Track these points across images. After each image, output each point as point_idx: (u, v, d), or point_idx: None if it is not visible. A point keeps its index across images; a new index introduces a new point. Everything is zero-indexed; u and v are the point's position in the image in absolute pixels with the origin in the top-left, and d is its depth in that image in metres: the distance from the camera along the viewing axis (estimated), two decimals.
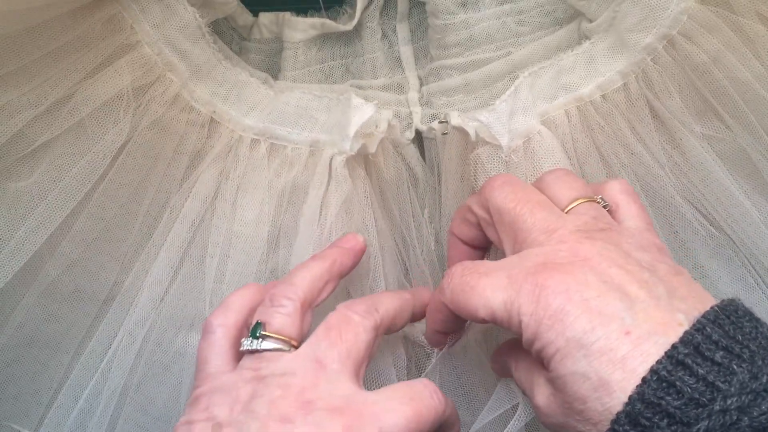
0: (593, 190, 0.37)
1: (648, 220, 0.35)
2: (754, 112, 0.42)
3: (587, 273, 0.30)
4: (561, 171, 0.37)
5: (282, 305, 0.35)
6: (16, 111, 0.40)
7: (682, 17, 0.42)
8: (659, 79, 0.43)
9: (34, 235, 0.41)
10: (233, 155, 0.46)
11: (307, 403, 0.30)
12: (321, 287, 0.37)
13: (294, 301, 0.35)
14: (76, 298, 0.45)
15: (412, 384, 0.33)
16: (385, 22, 0.52)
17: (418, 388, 0.32)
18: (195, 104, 0.45)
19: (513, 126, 0.43)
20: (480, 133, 0.42)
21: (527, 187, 0.36)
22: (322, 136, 0.46)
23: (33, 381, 0.45)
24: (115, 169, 0.43)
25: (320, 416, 0.30)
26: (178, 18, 0.43)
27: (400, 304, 0.38)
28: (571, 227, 0.32)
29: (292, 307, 0.35)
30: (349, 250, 0.40)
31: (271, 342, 0.34)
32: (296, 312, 0.35)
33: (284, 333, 0.34)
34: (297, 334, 0.35)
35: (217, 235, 0.46)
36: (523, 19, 0.49)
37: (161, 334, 0.45)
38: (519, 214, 0.34)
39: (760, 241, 0.43)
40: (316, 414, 0.30)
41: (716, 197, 0.43)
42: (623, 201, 0.35)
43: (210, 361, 0.35)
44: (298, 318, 0.35)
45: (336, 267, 0.39)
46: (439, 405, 0.32)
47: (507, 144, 0.42)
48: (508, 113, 0.43)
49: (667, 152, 0.44)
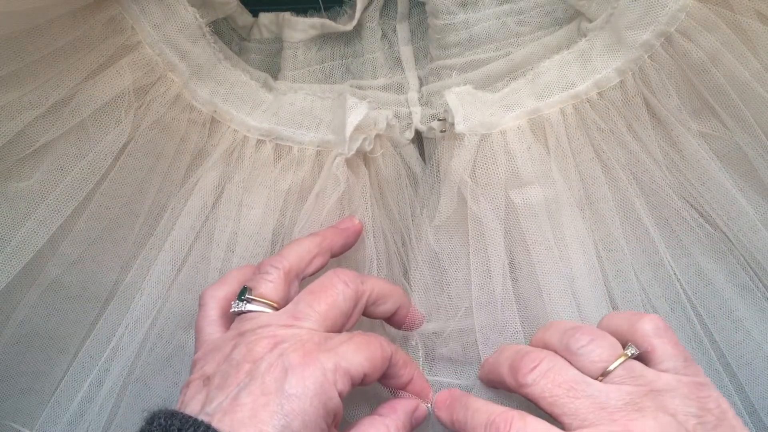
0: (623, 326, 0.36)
1: (685, 355, 0.35)
2: (751, 110, 0.42)
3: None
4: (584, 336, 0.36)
5: (267, 272, 0.39)
6: (18, 111, 0.40)
7: (680, 15, 0.42)
8: (656, 77, 0.43)
9: (36, 235, 0.42)
10: (237, 155, 0.46)
11: (275, 344, 0.34)
12: (309, 260, 0.40)
13: (279, 269, 0.39)
14: (78, 297, 0.45)
15: (367, 334, 0.37)
16: (385, 22, 0.52)
17: (371, 337, 0.37)
18: (196, 104, 0.45)
19: (484, 117, 0.44)
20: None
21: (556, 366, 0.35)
22: (330, 136, 0.46)
23: (35, 380, 0.45)
24: (117, 169, 0.44)
25: (284, 348, 0.33)
26: (178, 18, 0.43)
27: (389, 288, 0.41)
28: (617, 402, 0.33)
29: (276, 274, 0.38)
30: (343, 230, 0.44)
31: (256, 305, 0.37)
32: (280, 279, 0.38)
33: (267, 297, 0.38)
34: (280, 299, 0.38)
35: (221, 234, 0.46)
36: (523, 19, 0.49)
37: (163, 329, 0.45)
38: (559, 399, 0.34)
39: (756, 239, 0.43)
40: (280, 348, 0.34)
41: (713, 195, 0.43)
42: (658, 344, 0.35)
43: (204, 329, 0.38)
44: (282, 284, 0.38)
45: (326, 243, 0.42)
46: (386, 351, 0.37)
47: (461, 130, 0.43)
48: (484, 103, 0.44)
49: (664, 150, 0.44)
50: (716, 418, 0.33)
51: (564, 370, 0.35)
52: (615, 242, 0.44)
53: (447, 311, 0.45)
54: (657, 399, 0.33)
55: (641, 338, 0.35)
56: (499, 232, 0.43)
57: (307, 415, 0.32)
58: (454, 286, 0.45)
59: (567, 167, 0.45)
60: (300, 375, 0.32)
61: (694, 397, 0.33)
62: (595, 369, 0.35)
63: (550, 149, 0.45)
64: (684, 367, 0.35)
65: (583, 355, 0.35)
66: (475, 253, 0.44)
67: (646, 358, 0.35)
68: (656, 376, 0.34)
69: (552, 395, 0.34)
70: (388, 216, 0.48)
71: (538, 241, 0.43)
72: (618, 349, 0.36)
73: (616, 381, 0.34)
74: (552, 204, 0.44)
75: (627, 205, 0.44)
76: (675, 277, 0.44)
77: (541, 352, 0.37)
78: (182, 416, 0.31)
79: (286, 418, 0.31)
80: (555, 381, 0.35)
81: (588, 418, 0.33)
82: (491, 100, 0.46)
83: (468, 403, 0.37)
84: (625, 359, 0.35)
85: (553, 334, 0.37)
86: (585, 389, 0.34)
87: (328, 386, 0.33)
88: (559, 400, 0.34)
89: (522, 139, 0.44)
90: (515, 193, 0.44)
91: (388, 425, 0.37)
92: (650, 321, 0.36)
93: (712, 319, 0.44)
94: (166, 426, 0.31)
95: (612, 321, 0.37)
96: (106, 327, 0.45)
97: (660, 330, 0.36)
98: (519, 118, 0.45)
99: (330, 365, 0.33)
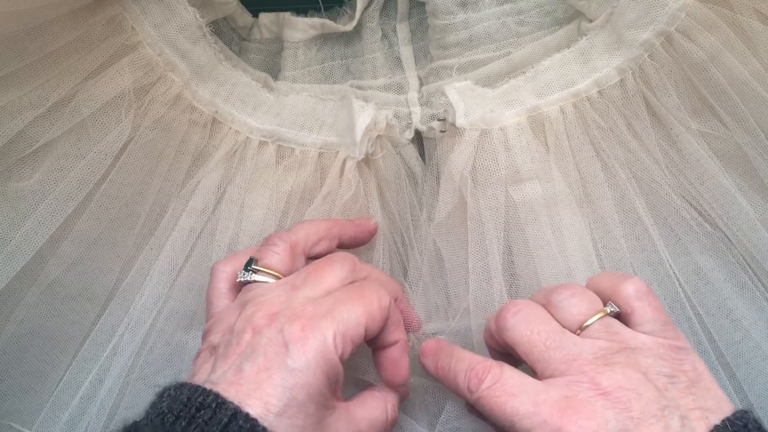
0: (607, 287, 0.37)
1: (665, 318, 0.36)
2: (751, 109, 0.42)
3: (607, 411, 0.32)
4: (566, 290, 0.38)
5: (274, 244, 0.40)
6: (18, 111, 0.40)
7: (680, 14, 0.42)
8: (656, 76, 0.43)
9: (36, 235, 0.42)
10: (239, 157, 0.46)
11: (273, 315, 0.35)
12: (316, 240, 0.41)
13: (285, 242, 0.40)
14: (78, 297, 0.45)
15: (362, 285, 0.38)
16: (385, 23, 0.52)
17: (366, 289, 0.37)
18: (197, 104, 0.46)
19: (485, 113, 0.44)
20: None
21: (537, 315, 0.37)
22: (333, 138, 0.46)
23: (35, 380, 0.45)
24: (117, 169, 0.44)
25: (282, 322, 0.34)
26: (178, 18, 0.43)
27: (387, 278, 0.42)
28: (588, 356, 0.34)
29: (282, 246, 0.40)
30: (357, 224, 0.45)
31: (260, 275, 0.38)
32: (286, 251, 0.39)
33: (273, 267, 0.39)
34: (286, 270, 0.39)
35: (223, 235, 0.46)
36: (523, 19, 0.49)
37: (163, 329, 0.45)
38: (534, 347, 0.36)
39: (755, 238, 0.43)
40: (279, 321, 0.34)
41: (712, 195, 0.43)
42: (638, 307, 0.36)
43: (213, 301, 0.40)
44: (287, 256, 0.39)
45: (336, 229, 0.43)
46: (384, 301, 0.37)
47: (461, 124, 0.44)
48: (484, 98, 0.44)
49: (663, 149, 0.44)
50: (689, 380, 0.33)
51: (544, 320, 0.36)
52: (614, 241, 0.45)
53: (446, 311, 0.45)
54: (630, 356, 0.34)
55: (623, 300, 0.36)
56: (499, 232, 0.44)
57: (312, 387, 0.32)
58: (453, 287, 0.45)
59: (566, 165, 0.45)
60: (301, 349, 0.33)
61: (669, 358, 0.34)
62: (573, 322, 0.36)
63: (549, 147, 0.45)
64: (663, 330, 0.35)
65: (564, 309, 0.37)
66: (474, 253, 0.44)
67: (626, 320, 0.36)
68: (633, 335, 0.35)
69: (529, 342, 0.36)
70: (388, 216, 0.48)
71: (536, 237, 0.43)
72: (598, 305, 0.37)
73: (592, 335, 0.35)
74: (551, 201, 0.44)
75: (626, 203, 0.45)
76: (674, 275, 0.44)
77: (525, 300, 0.38)
78: (191, 386, 0.32)
79: (291, 392, 0.32)
80: (534, 329, 0.36)
81: (559, 368, 0.34)
82: (491, 96, 0.46)
83: (453, 352, 0.38)
84: (603, 315, 0.36)
85: (539, 291, 0.39)
86: (561, 340, 0.35)
87: (330, 355, 0.33)
88: (534, 348, 0.35)
89: (522, 136, 0.44)
90: (514, 189, 0.44)
91: (386, 399, 0.39)
92: (633, 284, 0.36)
93: (710, 318, 0.44)
94: (176, 396, 0.31)
95: (597, 281, 0.38)
96: (106, 327, 0.45)
97: (641, 293, 0.36)
98: (519, 115, 0.45)
99: (329, 333, 0.33)
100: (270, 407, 0.31)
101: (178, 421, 0.30)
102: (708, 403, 0.33)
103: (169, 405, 0.31)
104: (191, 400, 0.31)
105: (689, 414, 0.32)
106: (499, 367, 0.35)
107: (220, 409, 0.30)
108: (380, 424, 0.38)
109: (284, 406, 0.31)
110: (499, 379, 0.35)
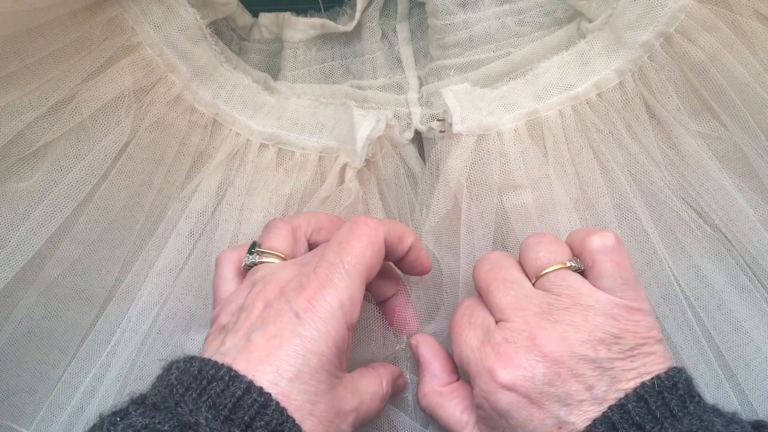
0: (578, 240, 0.37)
1: (626, 276, 0.35)
2: (751, 110, 0.42)
3: (538, 365, 0.33)
4: (539, 237, 0.39)
5: (276, 226, 0.40)
6: (18, 112, 0.40)
7: (679, 15, 0.42)
8: (656, 78, 0.43)
9: (35, 236, 0.42)
10: (240, 159, 0.46)
11: (281, 290, 0.35)
12: (317, 228, 0.42)
13: (288, 225, 0.40)
14: (77, 297, 0.45)
15: (351, 233, 0.37)
16: (385, 23, 0.52)
17: (355, 237, 0.37)
18: (197, 106, 0.46)
19: (482, 118, 0.44)
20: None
21: (502, 263, 0.39)
22: (334, 143, 0.46)
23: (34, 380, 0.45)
24: (117, 170, 0.44)
25: (290, 295, 0.34)
26: (179, 19, 0.43)
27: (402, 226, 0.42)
28: (535, 308, 0.35)
29: (285, 229, 0.40)
30: None
31: (264, 257, 0.39)
32: (288, 232, 0.40)
33: (276, 248, 0.39)
34: (288, 251, 0.39)
35: (222, 237, 0.46)
36: (522, 19, 0.49)
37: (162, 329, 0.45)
38: (491, 292, 0.38)
39: (755, 240, 0.43)
40: (287, 294, 0.35)
41: (712, 196, 0.43)
42: (599, 260, 0.36)
43: (219, 288, 0.40)
44: (290, 238, 0.40)
45: (338, 222, 0.43)
46: (377, 237, 0.37)
47: (458, 130, 0.44)
48: (482, 100, 0.44)
49: (663, 151, 0.44)
50: (635, 342, 0.34)
51: (507, 268, 0.38)
52: None
53: (446, 311, 0.45)
54: (578, 314, 0.34)
55: (588, 252, 0.36)
56: (489, 239, 0.44)
57: (324, 355, 0.33)
58: (451, 287, 0.45)
59: (564, 169, 0.45)
60: (312, 318, 0.33)
61: (621, 318, 0.34)
62: (533, 267, 0.37)
63: (548, 151, 0.45)
64: (621, 290, 0.35)
65: (528, 253, 0.38)
66: (465, 258, 0.44)
67: (588, 274, 0.36)
68: (590, 292, 0.35)
69: (489, 286, 0.38)
70: (388, 216, 0.48)
71: None
72: (563, 257, 0.37)
73: (545, 287, 0.36)
74: (548, 206, 0.44)
75: (626, 206, 0.44)
76: (674, 278, 0.44)
77: (498, 252, 0.41)
78: (201, 359, 0.32)
79: (304, 358, 0.32)
80: (496, 276, 0.38)
81: (506, 314, 0.36)
82: (489, 98, 0.46)
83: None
84: (560, 268, 0.36)
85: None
86: (515, 288, 0.37)
87: (339, 325, 0.34)
88: (492, 292, 0.37)
89: (519, 141, 0.44)
90: (507, 196, 0.44)
91: (381, 375, 0.40)
92: (600, 237, 0.36)
93: (711, 321, 0.44)
94: (185, 368, 0.31)
95: (574, 234, 0.39)
96: (105, 328, 0.45)
97: (607, 247, 0.36)
98: (517, 120, 0.45)
99: (336, 303, 0.34)
100: (283, 372, 0.31)
101: (188, 392, 0.30)
102: (649, 366, 0.33)
103: (178, 377, 0.31)
104: (202, 372, 0.31)
105: (621, 375, 0.33)
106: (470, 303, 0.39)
107: (233, 382, 0.30)
108: (378, 397, 0.38)
109: (297, 371, 0.32)
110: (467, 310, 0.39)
